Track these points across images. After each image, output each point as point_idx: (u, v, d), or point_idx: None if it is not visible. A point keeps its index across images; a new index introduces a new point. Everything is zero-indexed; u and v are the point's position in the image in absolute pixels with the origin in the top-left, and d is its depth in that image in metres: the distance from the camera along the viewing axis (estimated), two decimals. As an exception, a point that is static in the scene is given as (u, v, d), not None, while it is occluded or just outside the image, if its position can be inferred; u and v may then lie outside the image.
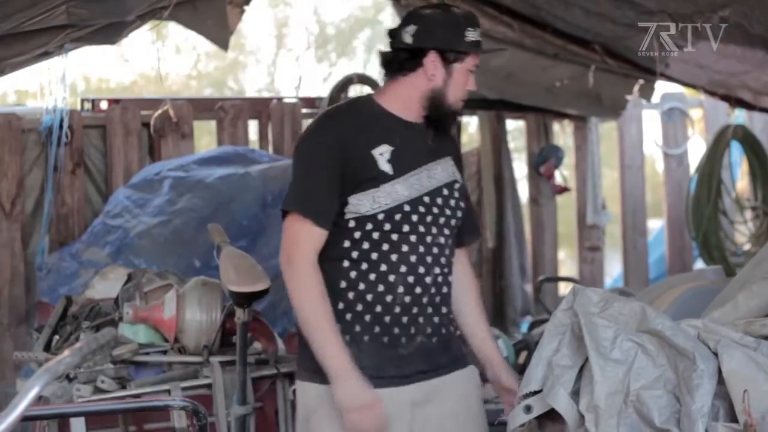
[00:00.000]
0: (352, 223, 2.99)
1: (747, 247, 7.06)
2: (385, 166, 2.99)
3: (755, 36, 5.06)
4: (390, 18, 13.91)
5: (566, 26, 6.00)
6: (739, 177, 7.57)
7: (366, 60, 15.17)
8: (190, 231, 5.27)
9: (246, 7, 5.51)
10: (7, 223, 5.42)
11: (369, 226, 2.98)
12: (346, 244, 3.00)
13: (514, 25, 6.09)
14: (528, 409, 2.68)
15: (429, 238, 3.05)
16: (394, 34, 3.09)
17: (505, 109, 6.90)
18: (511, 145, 7.39)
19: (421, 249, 3.03)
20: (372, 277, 3.00)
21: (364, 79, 6.41)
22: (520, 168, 7.77)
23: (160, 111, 5.75)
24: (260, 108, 6.25)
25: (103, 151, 5.75)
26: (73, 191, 5.60)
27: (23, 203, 5.48)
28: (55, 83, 5.25)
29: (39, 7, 4.39)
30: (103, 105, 5.80)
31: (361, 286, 3.00)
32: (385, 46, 3.14)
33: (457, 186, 3.15)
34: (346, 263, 3.00)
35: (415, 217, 3.02)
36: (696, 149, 7.72)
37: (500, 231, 6.81)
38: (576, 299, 2.69)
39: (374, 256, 2.99)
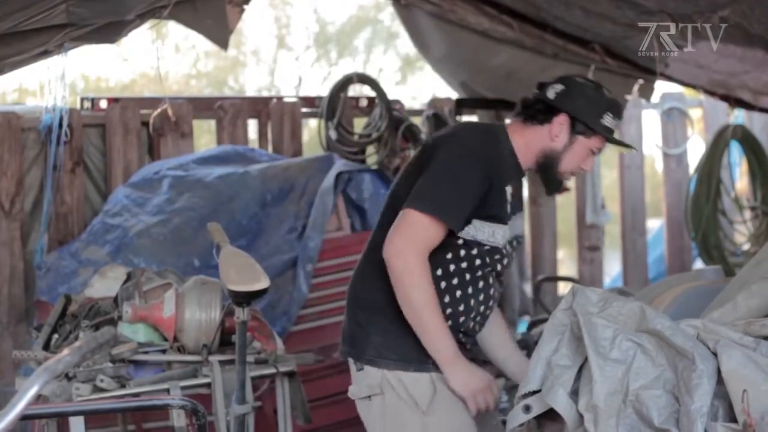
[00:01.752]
0: (461, 241, 3.14)
1: (746, 247, 7.07)
2: (508, 207, 3.16)
3: (755, 36, 5.06)
4: (390, 18, 13.92)
5: (566, 26, 6.00)
6: (739, 177, 7.58)
7: (366, 60, 15.18)
8: (190, 230, 5.27)
9: (245, 7, 5.51)
10: (7, 221, 5.42)
11: (474, 251, 3.14)
12: (448, 256, 3.15)
13: (514, 25, 6.09)
14: (527, 408, 2.68)
15: (497, 277, 3.27)
16: (542, 85, 3.23)
17: (505, 109, 6.90)
18: (511, 144, 7.38)
19: (494, 284, 3.25)
20: (458, 294, 3.18)
21: (363, 79, 6.41)
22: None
23: (159, 110, 5.75)
24: (260, 107, 6.25)
25: (103, 150, 5.75)
26: (73, 190, 5.60)
27: (22, 202, 5.47)
28: (54, 82, 5.24)
29: (39, 6, 4.39)
30: (103, 104, 5.79)
31: (447, 299, 3.17)
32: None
33: (520, 239, 3.32)
34: (439, 272, 3.14)
35: (505, 261, 3.23)
36: (695, 149, 7.73)
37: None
38: (575, 299, 2.69)
39: (467, 276, 3.16)
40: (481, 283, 3.17)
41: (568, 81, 3.20)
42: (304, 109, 6.32)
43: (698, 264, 7.27)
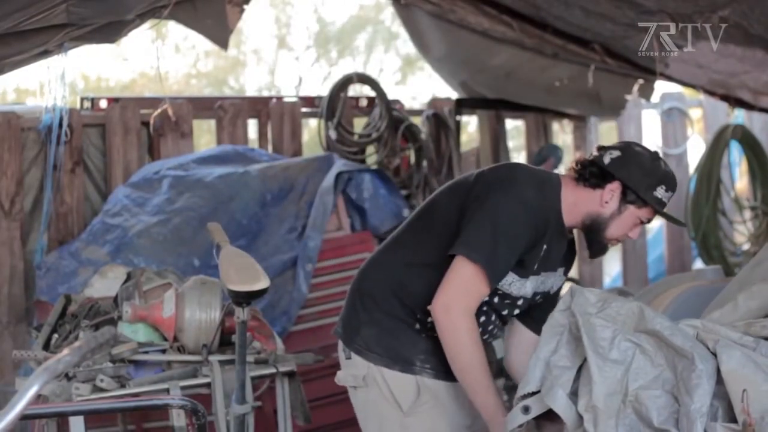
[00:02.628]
0: None
1: (746, 246, 7.07)
2: (538, 262, 3.13)
3: (755, 36, 5.06)
4: (390, 18, 13.92)
5: (566, 26, 6.00)
6: (738, 177, 7.58)
7: (366, 60, 15.18)
8: (190, 230, 5.28)
9: (245, 6, 5.51)
10: (7, 221, 5.42)
11: None
12: None
13: (514, 25, 6.09)
14: (526, 409, 2.68)
15: (506, 317, 3.26)
16: (602, 148, 3.19)
17: (505, 109, 6.90)
18: (511, 144, 7.39)
19: (494, 322, 3.22)
20: None
21: (363, 79, 6.41)
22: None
23: (159, 110, 5.75)
24: (259, 107, 6.25)
25: (103, 149, 5.75)
26: (73, 190, 5.60)
27: (22, 202, 5.47)
28: (54, 82, 5.24)
29: (39, 6, 4.39)
30: (103, 104, 5.79)
31: None
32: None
33: (546, 294, 3.27)
34: None
35: (514, 310, 3.22)
36: (695, 149, 7.73)
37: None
38: (574, 300, 2.69)
39: None
40: (482, 318, 3.16)
41: (625, 148, 3.15)
42: (304, 109, 6.32)
43: (698, 264, 7.27)
